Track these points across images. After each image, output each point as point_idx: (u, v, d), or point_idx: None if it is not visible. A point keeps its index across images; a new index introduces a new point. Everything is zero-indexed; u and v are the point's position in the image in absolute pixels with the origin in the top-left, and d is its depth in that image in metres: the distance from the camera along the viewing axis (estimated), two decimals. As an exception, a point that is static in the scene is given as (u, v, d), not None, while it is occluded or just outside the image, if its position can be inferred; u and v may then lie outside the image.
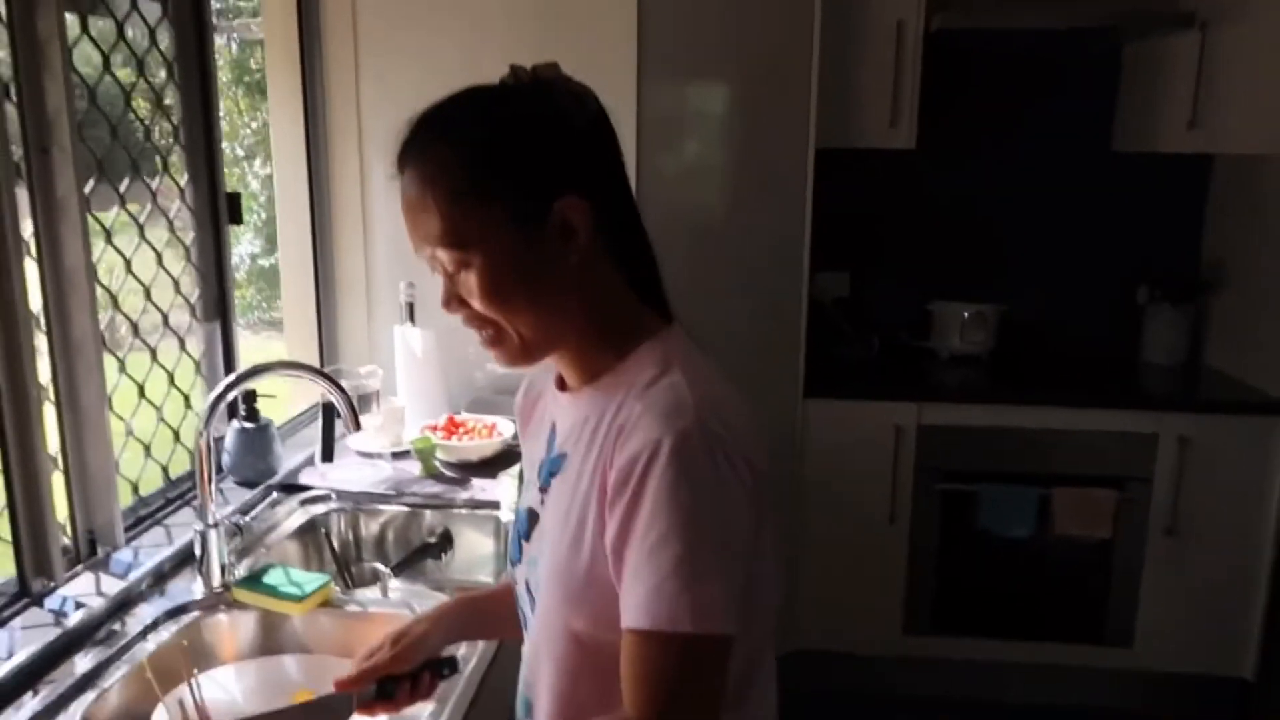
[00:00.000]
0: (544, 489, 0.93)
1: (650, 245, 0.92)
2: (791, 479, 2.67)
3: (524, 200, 0.83)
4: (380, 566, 1.68)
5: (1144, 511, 2.64)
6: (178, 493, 1.72)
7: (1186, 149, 2.73)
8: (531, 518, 0.95)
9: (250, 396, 1.81)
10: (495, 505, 1.78)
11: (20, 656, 1.19)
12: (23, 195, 1.31)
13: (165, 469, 1.71)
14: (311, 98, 2.20)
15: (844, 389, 2.72)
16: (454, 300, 0.87)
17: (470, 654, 1.25)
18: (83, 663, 1.23)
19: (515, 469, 1.87)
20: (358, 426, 1.47)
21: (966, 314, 2.96)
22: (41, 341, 1.36)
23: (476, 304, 0.85)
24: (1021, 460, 2.65)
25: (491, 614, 1.12)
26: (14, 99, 1.28)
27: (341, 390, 1.45)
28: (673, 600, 0.77)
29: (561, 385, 0.94)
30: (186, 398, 1.77)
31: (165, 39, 1.66)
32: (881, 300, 3.15)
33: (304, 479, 1.87)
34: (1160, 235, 3.04)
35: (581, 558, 0.84)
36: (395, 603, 1.44)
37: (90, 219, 1.41)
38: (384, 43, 2.22)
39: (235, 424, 1.80)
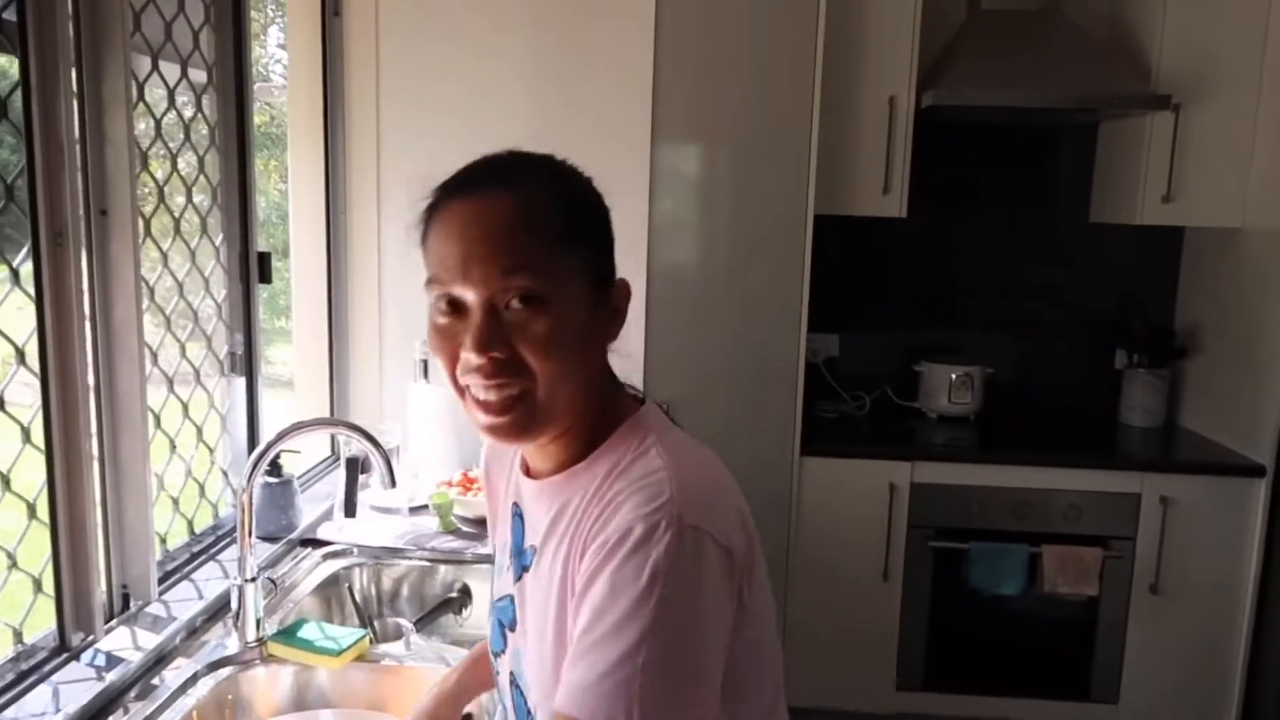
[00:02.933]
0: (518, 579, 0.92)
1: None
2: (786, 536, 2.72)
3: (603, 265, 0.86)
4: (403, 622, 1.71)
5: (1128, 569, 2.72)
6: (201, 547, 1.73)
7: (1162, 221, 2.86)
8: (514, 604, 0.93)
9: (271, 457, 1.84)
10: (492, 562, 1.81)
11: (67, 711, 1.21)
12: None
13: (190, 523, 1.73)
14: (332, 159, 2.26)
15: (838, 447, 2.78)
16: (498, 341, 0.79)
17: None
18: (128, 717, 1.24)
19: (534, 525, 1.91)
20: (394, 483, 1.50)
21: (954, 375, 3.06)
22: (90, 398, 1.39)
23: (530, 350, 0.79)
24: (1011, 518, 2.73)
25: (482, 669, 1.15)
26: (79, 163, 1.32)
27: (379, 447, 1.49)
28: (609, 699, 0.71)
29: (526, 470, 0.92)
30: (211, 451, 1.79)
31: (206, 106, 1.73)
32: (871, 360, 3.24)
33: (323, 534, 1.89)
34: (1135, 302, 3.18)
35: (561, 653, 0.80)
36: (427, 657, 1.46)
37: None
38: (405, 111, 2.30)
39: (260, 479, 1.82)
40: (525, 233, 0.79)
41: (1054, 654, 2.82)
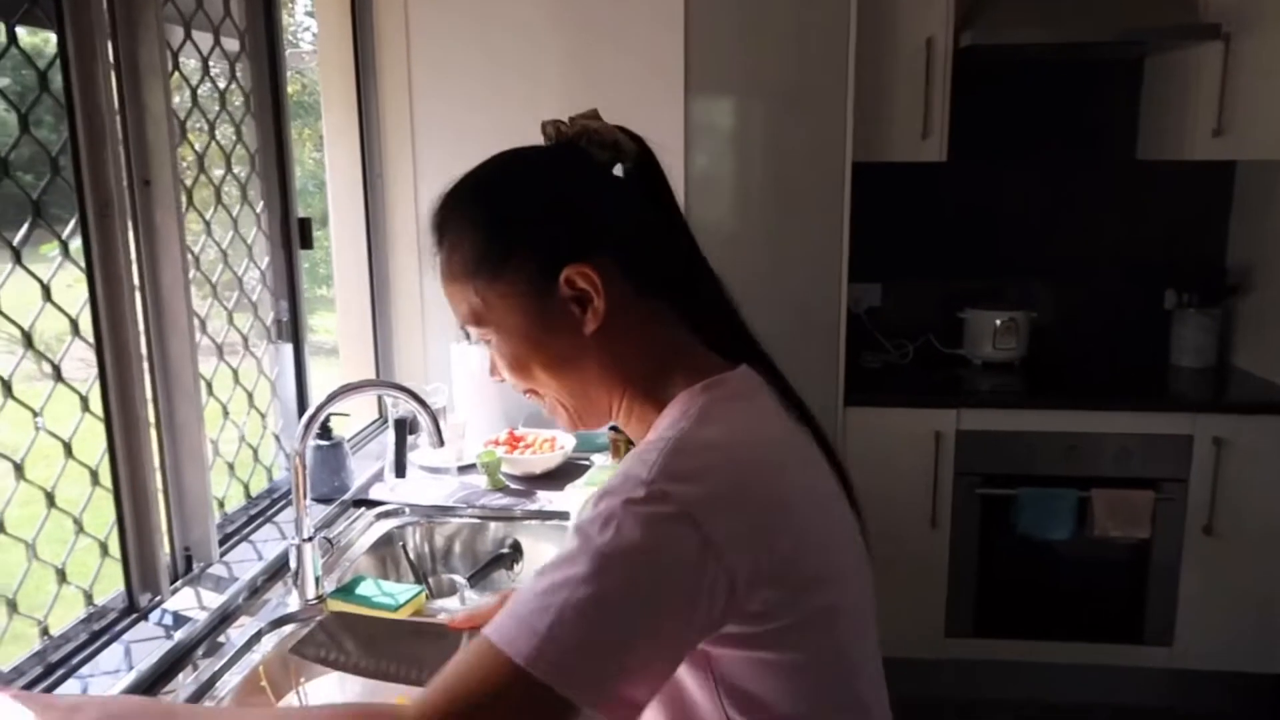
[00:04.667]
0: None
1: (716, 286, 0.91)
2: (833, 486, 2.72)
3: (532, 274, 0.83)
4: (458, 578, 1.74)
5: (1181, 511, 2.69)
6: (258, 510, 1.77)
7: (1212, 156, 2.78)
8: None
9: (325, 416, 1.87)
10: (564, 515, 1.83)
11: (140, 669, 1.25)
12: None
13: (246, 487, 1.77)
14: (367, 124, 2.26)
15: (883, 397, 2.77)
16: (495, 370, 0.91)
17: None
18: (196, 673, 1.28)
19: (581, 480, 1.93)
20: (442, 442, 1.52)
21: (998, 321, 3.01)
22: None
23: (507, 372, 0.88)
24: (1059, 464, 2.70)
25: None
26: (120, 135, 1.33)
27: (426, 406, 1.51)
28: (523, 623, 0.70)
29: None
30: (263, 416, 1.82)
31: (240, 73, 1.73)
32: (913, 309, 3.21)
33: (374, 494, 1.92)
34: (1186, 240, 3.10)
35: None
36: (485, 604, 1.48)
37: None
38: (438, 65, 2.29)
39: (312, 442, 1.85)
40: (451, 281, 0.87)
41: (1105, 598, 2.80)
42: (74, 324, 1.31)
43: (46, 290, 1.25)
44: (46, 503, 1.27)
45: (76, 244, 1.30)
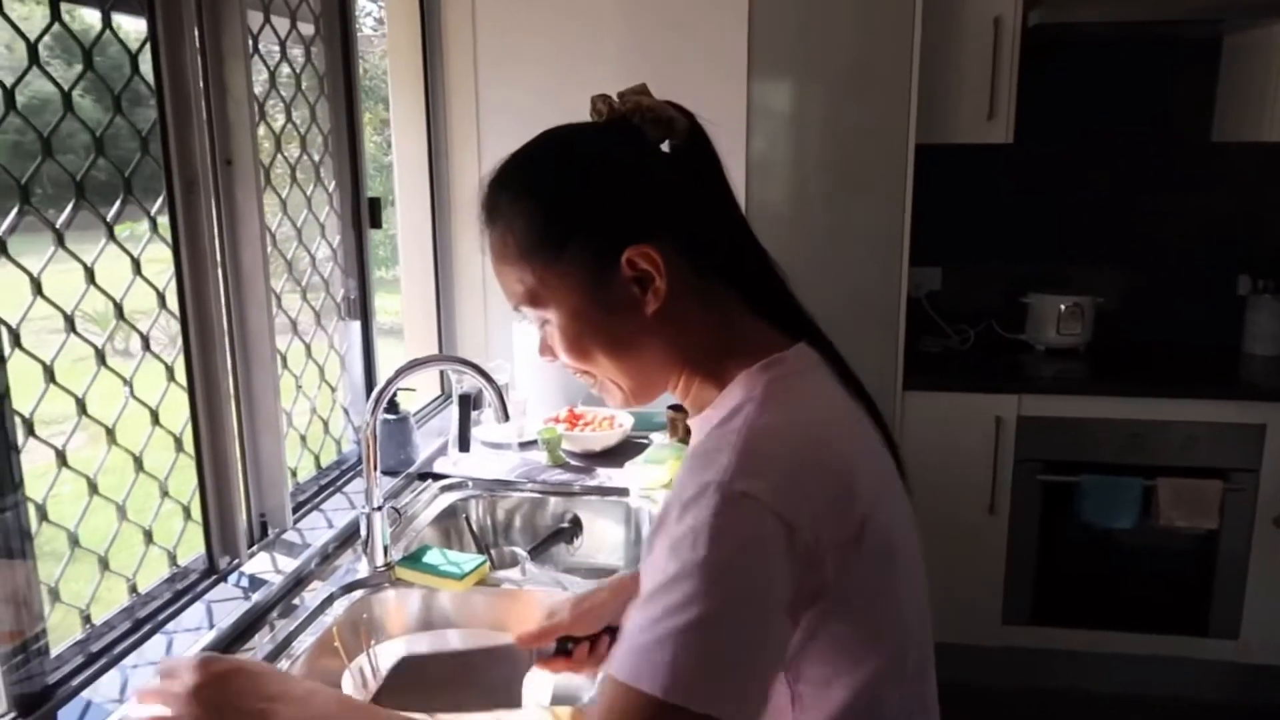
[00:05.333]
0: None
1: (767, 262, 0.91)
2: (890, 470, 2.71)
3: (593, 255, 0.82)
4: (518, 550, 1.78)
5: (1251, 502, 2.63)
6: (328, 480, 1.83)
7: (1292, 137, 2.70)
8: None
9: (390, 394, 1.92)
10: (623, 492, 1.86)
11: (220, 627, 1.31)
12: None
13: (317, 458, 1.83)
14: (433, 107, 2.30)
15: (942, 381, 2.75)
16: (547, 349, 0.89)
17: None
18: (273, 632, 1.34)
19: (640, 458, 1.96)
20: (507, 417, 1.56)
21: (1063, 306, 2.96)
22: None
23: (562, 353, 0.86)
24: (1124, 452, 2.65)
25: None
26: (205, 115, 1.39)
27: (491, 381, 1.54)
28: (644, 655, 0.71)
29: None
30: (333, 391, 1.88)
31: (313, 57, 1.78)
32: (975, 293, 3.17)
33: (438, 468, 1.97)
34: (1261, 225, 3.01)
35: None
36: (543, 582, 1.53)
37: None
38: (502, 48, 2.32)
39: (379, 416, 1.90)
40: (506, 263, 0.85)
41: (1169, 588, 2.76)
42: (161, 297, 1.37)
43: (137, 265, 1.31)
44: (135, 467, 1.33)
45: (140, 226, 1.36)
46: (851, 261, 2.58)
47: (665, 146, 0.87)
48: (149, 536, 1.35)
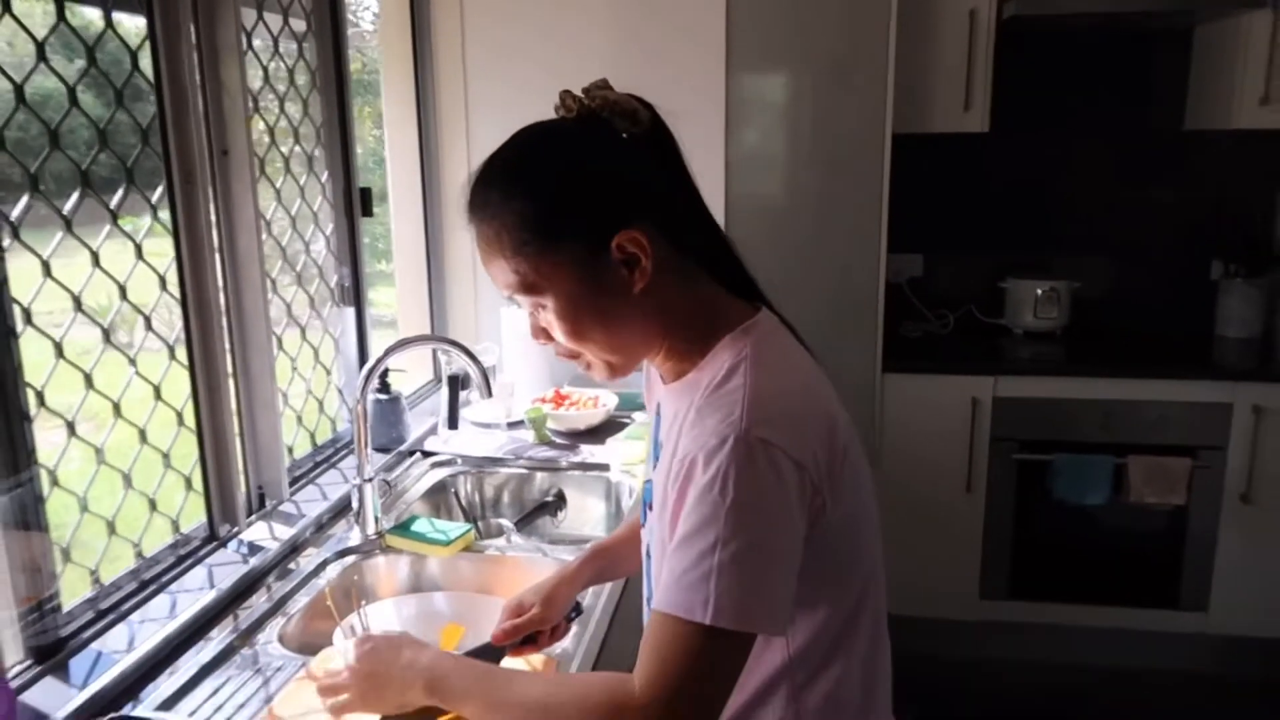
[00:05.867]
0: (654, 467, 1.03)
1: (724, 238, 0.99)
2: (870, 451, 2.80)
3: (584, 243, 0.89)
4: (505, 522, 1.87)
5: (1219, 479, 2.71)
6: (323, 456, 1.92)
7: (1260, 125, 2.77)
8: (652, 488, 1.04)
9: (384, 371, 2.01)
10: (605, 468, 1.95)
11: (220, 588, 1.40)
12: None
13: (313, 435, 1.92)
14: (423, 100, 2.39)
15: (920, 364, 2.83)
16: (541, 333, 0.97)
17: (596, 602, 1.41)
18: (269, 594, 1.43)
19: (622, 434, 2.04)
20: (490, 393, 1.65)
21: (1040, 291, 3.05)
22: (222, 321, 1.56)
23: (558, 334, 0.94)
24: (1096, 431, 2.74)
25: (620, 556, 1.29)
26: (201, 109, 1.47)
27: (476, 361, 1.63)
28: (693, 590, 0.81)
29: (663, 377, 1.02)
30: (328, 373, 1.97)
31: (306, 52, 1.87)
32: (955, 279, 3.25)
33: (429, 445, 2.06)
34: (1233, 210, 3.09)
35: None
36: (526, 549, 1.62)
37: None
38: (489, 41, 2.40)
39: (371, 395, 1.99)
40: (500, 256, 0.91)
41: (1141, 563, 2.85)
42: (162, 280, 1.45)
43: (139, 249, 1.40)
44: (139, 439, 1.42)
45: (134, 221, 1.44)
46: (831, 249, 2.66)
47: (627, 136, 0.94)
48: (153, 505, 1.44)
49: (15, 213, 1.17)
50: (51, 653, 1.20)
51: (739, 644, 0.83)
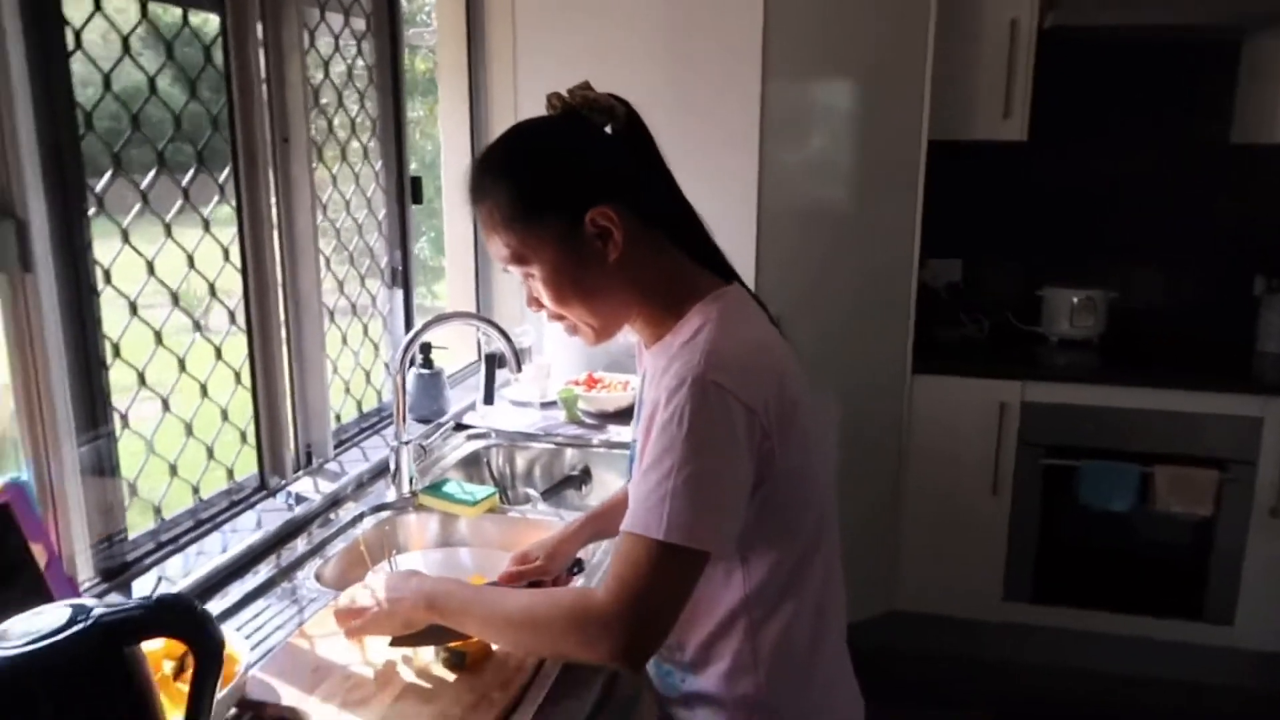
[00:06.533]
0: (638, 424, 1.15)
1: (697, 219, 1.11)
2: (898, 449, 2.87)
3: (562, 218, 1.02)
4: (531, 491, 2.00)
5: (1248, 492, 2.72)
6: (369, 423, 2.07)
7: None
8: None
9: (426, 348, 2.16)
10: (630, 446, 2.06)
11: (267, 530, 1.55)
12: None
13: (359, 404, 2.07)
14: (475, 91, 2.53)
15: (951, 366, 2.89)
16: (533, 301, 1.10)
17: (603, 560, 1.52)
18: (310, 539, 1.58)
19: (645, 417, 2.16)
20: (519, 368, 1.78)
21: (1076, 299, 3.08)
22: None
23: (547, 301, 1.07)
24: (1124, 439, 2.77)
25: (616, 517, 1.40)
26: (266, 99, 1.63)
27: (508, 338, 1.76)
28: (651, 511, 0.94)
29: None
30: (376, 347, 2.12)
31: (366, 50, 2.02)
32: (993, 285, 3.30)
33: (467, 419, 2.20)
34: (1279, 226, 3.08)
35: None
36: (546, 513, 1.74)
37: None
38: (537, 45, 2.52)
39: (414, 370, 2.14)
40: (494, 231, 1.05)
41: (1167, 572, 2.86)
42: (225, 252, 1.61)
43: (206, 224, 1.56)
44: (200, 394, 1.58)
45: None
46: (866, 252, 2.73)
47: (609, 129, 1.09)
48: (210, 453, 1.60)
49: (99, 185, 1.34)
50: (117, 574, 1.36)
51: (690, 560, 0.95)
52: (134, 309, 1.41)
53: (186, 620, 0.80)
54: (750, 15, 2.39)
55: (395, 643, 1.17)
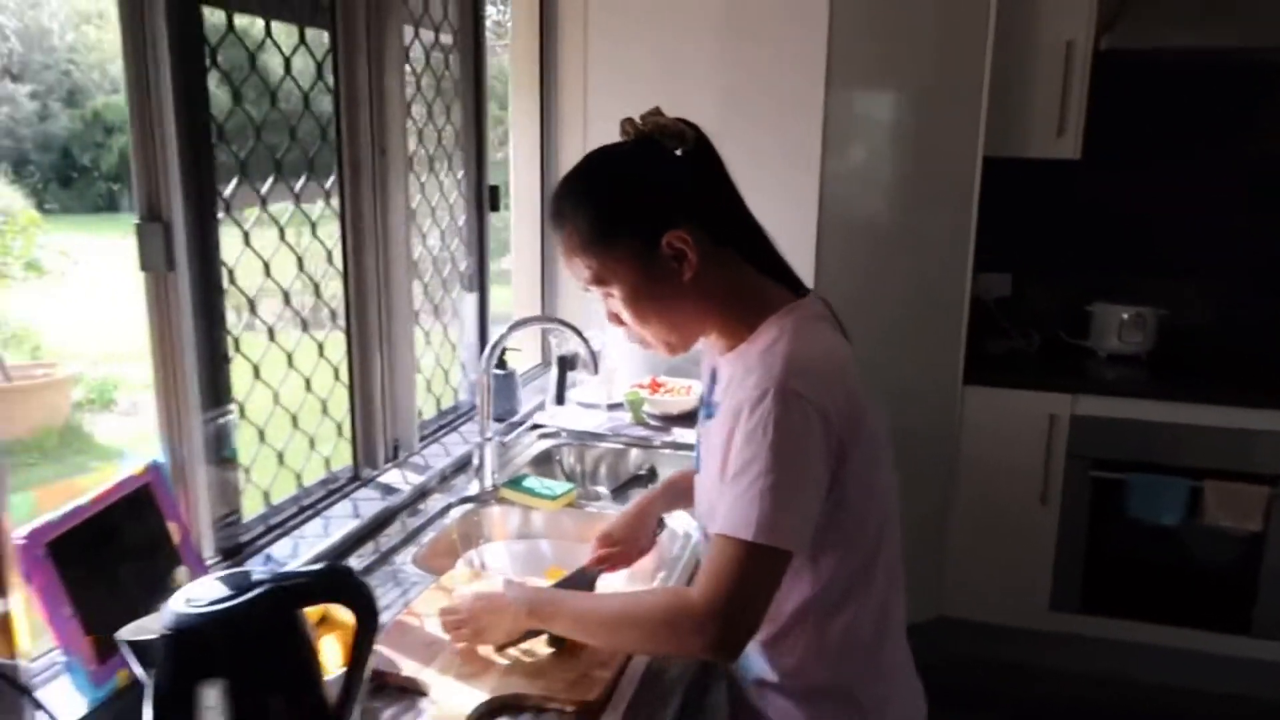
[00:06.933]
0: (703, 424, 1.23)
1: (765, 235, 1.17)
2: (949, 458, 2.92)
3: (637, 241, 1.10)
4: (601, 489, 2.08)
5: (1298, 509, 2.74)
6: (445, 421, 2.17)
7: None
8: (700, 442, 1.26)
9: (502, 350, 2.25)
10: (693, 448, 2.14)
11: (364, 516, 1.65)
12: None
13: (438, 401, 2.17)
14: (547, 100, 2.62)
15: (1001, 378, 2.94)
16: (613, 317, 1.17)
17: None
18: (404, 527, 1.68)
19: (710, 420, 2.24)
20: (596, 370, 1.86)
21: (1125, 315, 3.11)
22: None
23: (626, 318, 1.15)
24: (1174, 453, 2.80)
25: (683, 490, 1.48)
26: (369, 112, 1.73)
27: (586, 341, 1.85)
28: (741, 514, 1.01)
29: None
30: (454, 348, 2.22)
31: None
32: (1042, 300, 3.34)
33: (538, 419, 2.29)
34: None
35: (721, 483, 1.09)
36: (620, 508, 1.82)
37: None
38: (607, 55, 2.60)
39: (492, 367, 2.23)
40: (574, 254, 1.13)
41: (1215, 586, 2.89)
42: (329, 255, 1.71)
43: (314, 226, 1.66)
44: (305, 388, 1.68)
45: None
46: (920, 264, 2.79)
47: (679, 153, 1.15)
48: (312, 443, 1.70)
49: (227, 191, 1.44)
50: (234, 553, 1.46)
51: (776, 559, 1.03)
52: (253, 307, 1.51)
53: (350, 588, 0.89)
54: (815, 26, 2.45)
55: (500, 649, 1.25)
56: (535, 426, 2.25)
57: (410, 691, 1.17)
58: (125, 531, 1.20)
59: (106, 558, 1.17)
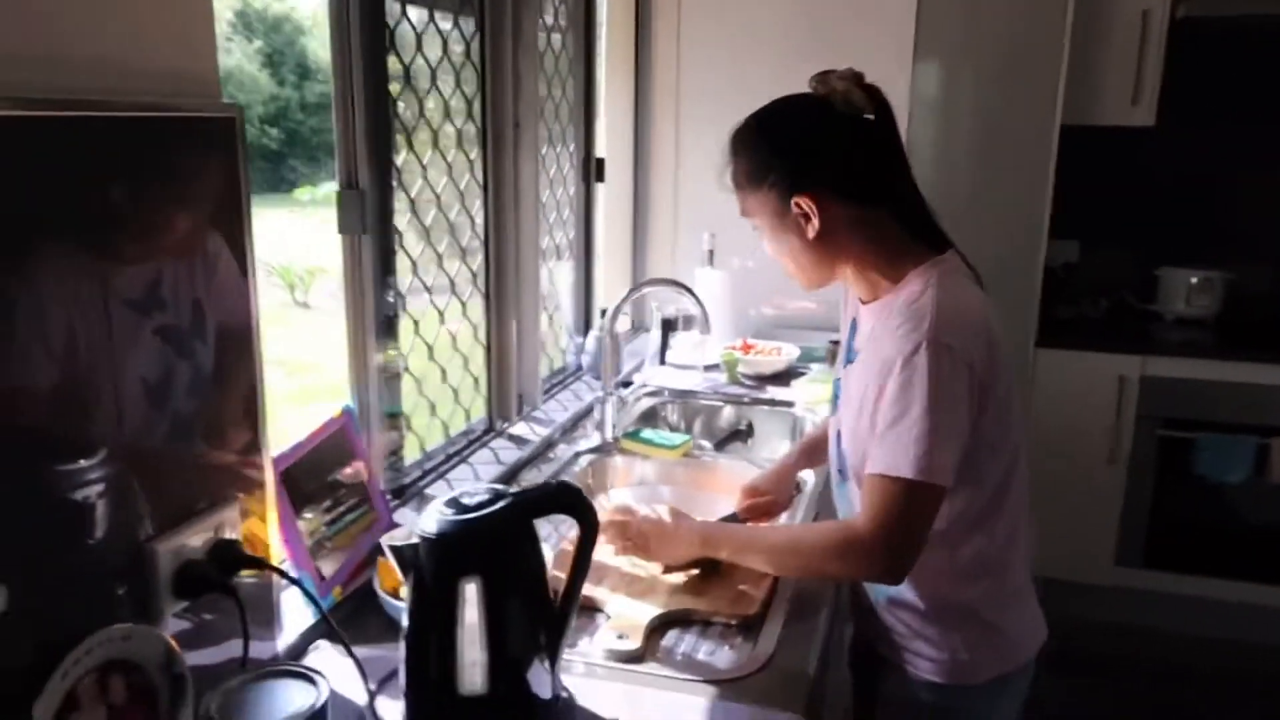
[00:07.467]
0: (846, 366, 1.36)
1: (923, 203, 1.29)
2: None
3: (777, 194, 1.24)
4: (704, 443, 2.23)
5: (1365, 467, 2.83)
6: (557, 380, 2.32)
7: None
8: (841, 385, 1.38)
9: (602, 313, 2.40)
10: (790, 404, 2.28)
11: (506, 462, 1.81)
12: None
13: (550, 360, 2.32)
14: (641, 82, 2.75)
15: (1072, 341, 3.04)
16: (767, 244, 1.32)
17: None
18: (541, 472, 1.83)
19: (804, 378, 2.37)
20: (709, 329, 2.00)
21: (1194, 279, 3.19)
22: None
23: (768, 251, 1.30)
24: (1241, 412, 2.89)
25: (820, 447, 1.62)
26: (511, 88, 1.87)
27: (700, 303, 1.99)
28: (900, 455, 1.12)
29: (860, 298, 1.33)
30: (550, 316, 2.37)
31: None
32: (1109, 266, 3.42)
33: (639, 378, 2.43)
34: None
35: (865, 426, 1.21)
36: (732, 458, 1.97)
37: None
38: (700, 35, 2.72)
39: (594, 333, 2.38)
40: (735, 187, 1.29)
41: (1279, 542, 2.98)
42: (472, 222, 1.86)
43: (461, 196, 1.81)
44: (451, 345, 1.84)
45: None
46: (995, 230, 2.89)
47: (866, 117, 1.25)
48: (456, 395, 1.86)
49: (400, 159, 1.59)
50: (399, 494, 1.62)
51: (933, 493, 1.15)
52: (414, 268, 1.66)
53: (578, 501, 1.04)
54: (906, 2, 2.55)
55: (667, 570, 1.40)
56: (638, 385, 2.40)
57: (587, 608, 1.32)
58: (328, 467, 1.36)
59: (314, 489, 1.34)
